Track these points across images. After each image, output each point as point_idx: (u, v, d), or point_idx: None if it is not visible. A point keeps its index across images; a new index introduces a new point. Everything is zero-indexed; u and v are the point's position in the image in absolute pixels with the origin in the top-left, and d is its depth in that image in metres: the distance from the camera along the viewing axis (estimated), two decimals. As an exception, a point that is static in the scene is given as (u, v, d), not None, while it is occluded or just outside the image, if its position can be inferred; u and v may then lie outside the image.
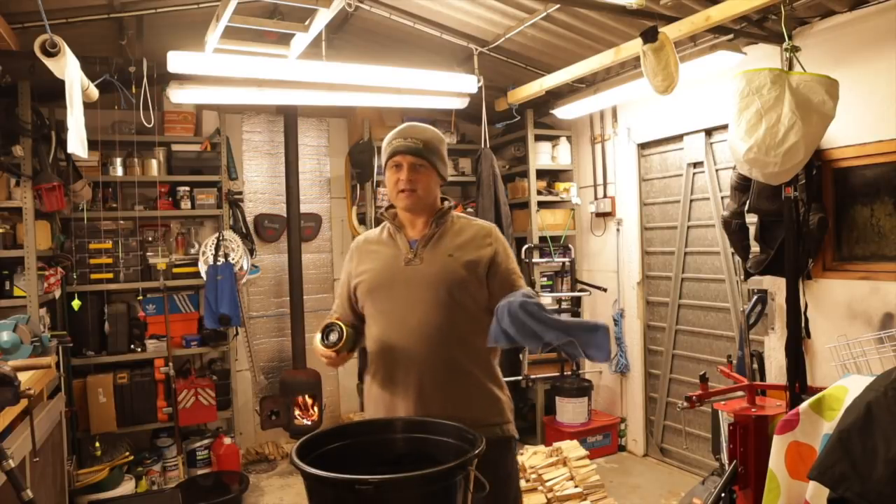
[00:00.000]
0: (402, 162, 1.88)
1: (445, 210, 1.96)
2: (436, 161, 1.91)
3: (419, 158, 1.88)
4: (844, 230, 3.40)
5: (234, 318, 4.41)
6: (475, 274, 1.86)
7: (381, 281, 1.90)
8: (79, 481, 3.78)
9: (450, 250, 1.88)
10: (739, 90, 2.89)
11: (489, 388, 1.89)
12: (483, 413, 1.85)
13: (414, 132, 1.91)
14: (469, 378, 1.86)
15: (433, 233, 1.91)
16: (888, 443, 1.50)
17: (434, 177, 1.92)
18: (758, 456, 2.63)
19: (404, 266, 1.89)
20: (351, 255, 2.04)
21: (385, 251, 1.95)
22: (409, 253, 1.90)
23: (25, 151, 3.67)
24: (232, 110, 4.87)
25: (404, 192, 1.87)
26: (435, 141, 1.93)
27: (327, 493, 1.43)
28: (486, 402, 1.89)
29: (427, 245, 1.90)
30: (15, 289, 3.67)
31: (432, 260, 1.87)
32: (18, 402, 2.14)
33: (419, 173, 1.88)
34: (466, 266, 1.86)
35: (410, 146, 1.87)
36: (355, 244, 2.06)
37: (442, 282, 1.84)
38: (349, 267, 2.02)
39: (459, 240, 1.91)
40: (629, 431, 4.91)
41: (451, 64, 4.41)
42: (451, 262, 1.86)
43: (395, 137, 1.92)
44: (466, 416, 1.70)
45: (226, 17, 2.73)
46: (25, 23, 3.16)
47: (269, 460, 4.83)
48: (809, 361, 3.34)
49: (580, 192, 5.26)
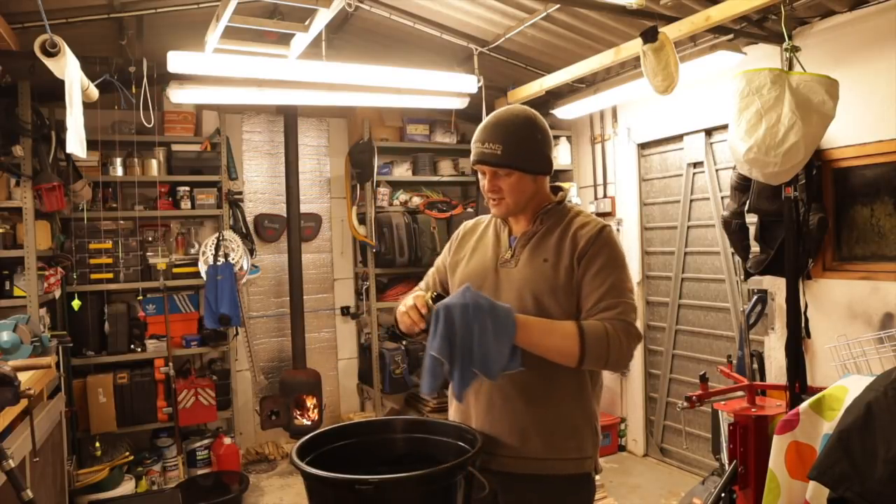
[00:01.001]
0: (484, 170, 1.70)
1: (553, 205, 1.74)
2: (523, 163, 1.67)
3: (500, 168, 1.67)
4: (844, 230, 3.40)
5: (234, 318, 4.41)
6: (570, 284, 1.64)
7: (472, 281, 1.67)
8: (79, 481, 3.78)
9: (547, 253, 1.67)
10: (739, 90, 2.89)
11: (569, 419, 1.65)
12: (557, 444, 1.63)
13: (493, 134, 1.67)
14: (547, 402, 1.64)
15: (535, 231, 1.72)
16: (888, 443, 1.50)
17: (524, 179, 1.68)
18: (758, 456, 2.64)
19: (498, 267, 1.72)
20: (453, 239, 1.90)
21: (485, 245, 1.79)
22: (506, 252, 1.73)
23: (25, 151, 3.67)
24: (232, 110, 4.87)
25: (493, 201, 1.71)
26: (518, 139, 1.67)
27: (327, 493, 1.43)
28: (564, 432, 1.64)
29: (527, 245, 1.71)
30: (15, 289, 3.67)
31: (526, 262, 1.68)
32: (18, 402, 2.14)
33: (503, 181, 1.67)
34: (563, 273, 1.63)
35: (488, 155, 1.66)
36: (463, 228, 1.91)
37: (530, 289, 1.64)
38: (447, 252, 1.89)
39: (562, 242, 1.67)
40: (629, 431, 4.91)
41: (451, 64, 4.41)
42: (545, 268, 1.65)
43: (476, 140, 1.71)
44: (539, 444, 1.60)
45: (226, 17, 2.73)
46: (25, 23, 3.16)
47: (269, 460, 4.83)
48: (809, 361, 3.34)
49: (580, 192, 5.27)
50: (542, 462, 1.62)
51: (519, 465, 1.63)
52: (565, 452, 1.64)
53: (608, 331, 1.54)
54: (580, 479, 1.68)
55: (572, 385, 1.66)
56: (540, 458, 1.62)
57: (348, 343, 5.45)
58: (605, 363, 1.56)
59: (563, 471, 1.64)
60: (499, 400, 1.65)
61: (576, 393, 1.67)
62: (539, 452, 1.62)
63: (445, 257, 1.90)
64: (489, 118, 1.73)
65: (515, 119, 1.70)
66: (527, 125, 1.70)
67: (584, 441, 1.66)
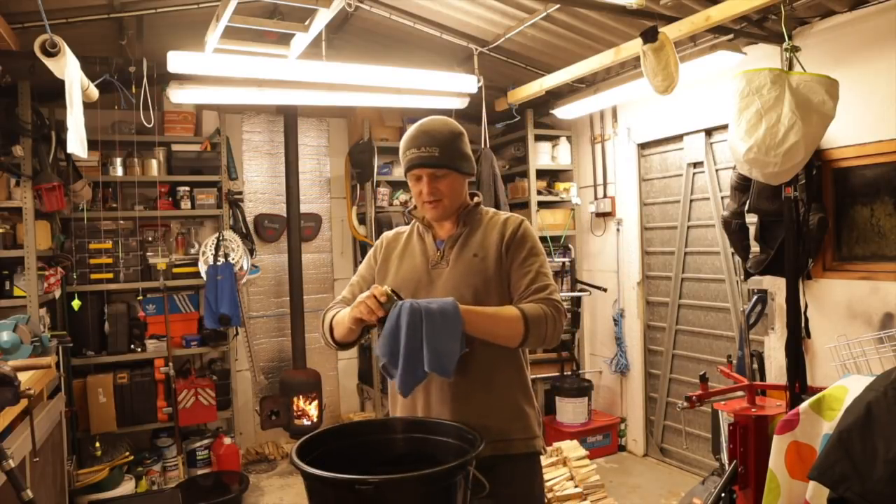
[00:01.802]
0: (421, 174, 1.76)
1: (472, 207, 1.85)
2: (457, 163, 1.77)
3: (438, 169, 1.75)
4: (844, 230, 3.40)
5: (234, 318, 4.41)
6: (501, 272, 1.75)
7: (406, 285, 1.78)
8: (79, 481, 3.78)
9: (475, 249, 1.78)
10: (739, 90, 2.89)
11: (514, 400, 1.77)
12: (505, 426, 1.74)
13: (427, 138, 1.75)
14: (491, 388, 1.74)
15: (460, 232, 1.81)
16: (888, 443, 1.50)
17: (458, 179, 1.79)
18: (758, 456, 2.63)
19: (430, 269, 1.80)
20: (376, 250, 1.94)
21: (412, 252, 1.86)
22: (435, 255, 1.81)
23: (25, 151, 3.67)
24: (232, 110, 4.88)
25: (430, 204, 1.77)
26: (451, 141, 1.77)
27: (327, 493, 1.43)
28: (510, 414, 1.76)
29: (454, 246, 1.80)
30: (15, 289, 3.67)
31: (457, 261, 1.77)
32: (18, 402, 2.14)
33: (441, 182, 1.76)
34: (493, 264, 1.75)
35: (425, 157, 1.74)
36: (384, 239, 1.96)
37: (466, 285, 1.73)
38: (372, 262, 1.92)
39: (486, 238, 1.79)
40: (629, 431, 4.91)
41: (451, 64, 4.41)
42: (476, 262, 1.75)
43: (408, 147, 1.77)
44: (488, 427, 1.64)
45: (226, 17, 2.73)
46: (25, 23, 3.16)
47: (269, 460, 4.83)
48: (809, 361, 3.34)
49: (580, 192, 5.27)
50: (493, 444, 1.66)
51: None
52: (514, 433, 1.75)
53: (545, 311, 1.66)
54: (530, 458, 1.80)
55: (511, 369, 1.78)
56: (493, 441, 1.66)
57: (348, 343, 5.44)
58: (542, 341, 1.68)
59: (514, 451, 1.73)
60: (456, 391, 1.72)
61: (515, 376, 1.79)
62: (492, 435, 1.65)
63: (371, 268, 1.93)
64: (416, 128, 1.80)
65: (443, 126, 1.80)
66: (454, 130, 1.81)
67: (529, 421, 1.79)
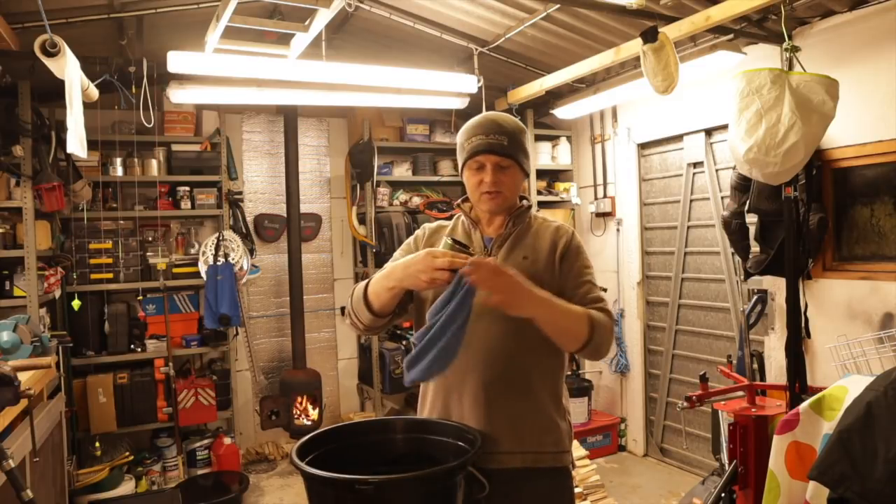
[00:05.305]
0: (485, 162, 1.68)
1: (525, 208, 1.79)
2: (521, 158, 1.71)
3: (505, 158, 1.67)
4: (844, 230, 3.40)
5: (234, 318, 4.41)
6: (552, 279, 1.68)
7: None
8: (79, 481, 3.78)
9: (526, 251, 1.71)
10: (739, 90, 2.89)
11: (548, 413, 1.70)
12: (537, 437, 1.68)
13: (497, 127, 1.68)
14: (527, 398, 1.67)
15: (510, 232, 1.74)
16: (888, 443, 1.49)
17: (519, 175, 1.73)
18: (758, 456, 2.64)
19: None
20: (417, 238, 1.84)
21: None
22: (482, 252, 1.72)
23: (25, 151, 3.67)
24: (232, 110, 4.87)
25: (489, 195, 1.69)
26: (519, 134, 1.71)
27: (327, 493, 1.43)
28: (543, 427, 1.69)
29: (503, 245, 1.73)
30: (15, 289, 3.67)
31: (506, 261, 1.68)
32: (18, 402, 2.14)
33: (505, 174, 1.69)
34: (543, 270, 1.68)
35: (494, 144, 1.66)
36: (426, 229, 1.85)
37: None
38: (413, 249, 1.79)
39: (537, 242, 1.73)
40: (629, 431, 4.91)
41: (451, 64, 4.41)
42: (525, 264, 1.67)
43: (473, 133, 1.70)
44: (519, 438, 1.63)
45: (226, 17, 2.73)
46: (25, 23, 3.16)
47: (269, 460, 4.83)
48: (809, 361, 3.34)
49: (580, 192, 5.27)
50: (523, 455, 1.65)
51: (505, 459, 1.64)
52: (546, 446, 1.68)
53: (606, 321, 1.62)
54: (560, 473, 1.72)
55: (550, 380, 1.72)
56: (524, 453, 1.64)
57: (348, 343, 5.45)
58: (598, 348, 1.61)
59: (543, 464, 1.67)
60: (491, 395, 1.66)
61: (552, 387, 1.72)
62: (523, 447, 1.64)
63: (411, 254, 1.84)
64: (482, 116, 1.75)
65: (511, 119, 1.75)
66: (521, 126, 1.76)
67: (561, 434, 1.72)
